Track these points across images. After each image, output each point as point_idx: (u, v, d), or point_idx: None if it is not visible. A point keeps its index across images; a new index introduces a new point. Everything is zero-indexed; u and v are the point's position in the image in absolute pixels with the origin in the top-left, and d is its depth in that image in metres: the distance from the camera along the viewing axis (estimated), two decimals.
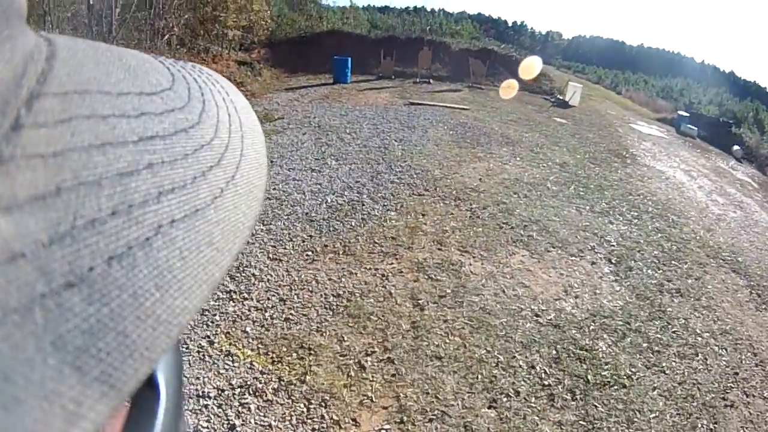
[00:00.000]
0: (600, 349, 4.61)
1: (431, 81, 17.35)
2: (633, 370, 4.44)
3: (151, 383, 0.32)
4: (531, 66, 18.77)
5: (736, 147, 18.20)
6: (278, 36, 19.46)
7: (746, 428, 4.17)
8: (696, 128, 19.06)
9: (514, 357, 4.30)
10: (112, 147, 0.21)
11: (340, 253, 5.50)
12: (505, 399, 3.84)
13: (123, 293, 0.19)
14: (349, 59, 15.72)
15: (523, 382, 4.04)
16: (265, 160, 0.33)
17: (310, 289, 4.84)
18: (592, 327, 4.91)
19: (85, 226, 0.18)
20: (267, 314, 4.41)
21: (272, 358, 3.92)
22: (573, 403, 3.95)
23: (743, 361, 5.00)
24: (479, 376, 4.01)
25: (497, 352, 4.31)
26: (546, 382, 4.09)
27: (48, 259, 0.17)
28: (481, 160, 9.36)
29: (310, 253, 5.43)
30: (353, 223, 6.17)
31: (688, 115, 20.70)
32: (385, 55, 17.36)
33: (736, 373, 4.78)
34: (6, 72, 0.19)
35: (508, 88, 17.28)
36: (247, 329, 4.19)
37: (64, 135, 0.20)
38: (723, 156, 17.11)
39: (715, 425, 4.07)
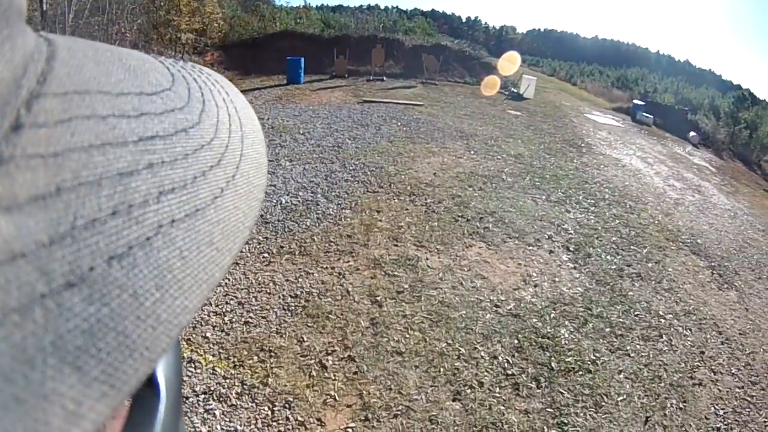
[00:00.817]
0: (562, 336, 4.62)
1: (385, 78, 17.33)
2: (597, 355, 4.47)
3: (151, 383, 0.33)
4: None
5: (692, 133, 18.68)
6: (231, 38, 19.26)
7: (716, 405, 4.24)
8: (652, 116, 19.45)
9: (476, 348, 4.27)
10: (112, 147, 0.21)
11: (297, 253, 5.40)
12: (469, 391, 3.80)
13: (123, 293, 0.19)
14: (302, 59, 15.60)
15: (486, 373, 4.01)
16: (265, 160, 0.34)
17: (268, 291, 4.74)
18: (552, 315, 4.91)
19: (86, 226, 0.18)
20: (226, 318, 4.30)
21: (234, 362, 3.82)
22: (538, 391, 3.95)
23: (709, 340, 5.10)
24: (441, 370, 3.96)
25: (458, 345, 4.27)
26: (509, 372, 4.07)
27: (48, 259, 0.17)
28: (435, 155, 9.34)
29: (266, 255, 5.33)
30: (308, 223, 6.07)
31: (643, 103, 21.12)
32: (338, 54, 17.27)
33: (702, 352, 4.87)
34: (6, 72, 0.19)
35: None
36: (208, 335, 4.08)
37: (64, 135, 0.20)
38: (679, 142, 17.52)
39: (685, 404, 4.13)
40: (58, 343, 0.16)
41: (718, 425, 4.02)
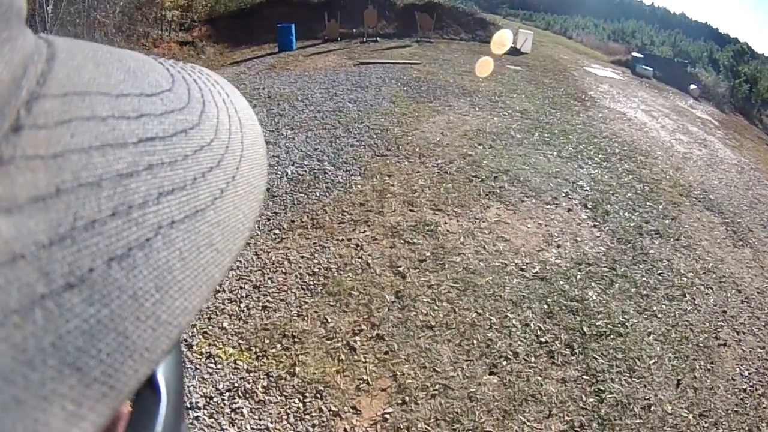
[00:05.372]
0: (590, 299, 4.52)
1: (378, 39, 16.94)
2: (626, 317, 4.38)
3: (152, 385, 0.32)
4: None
5: (693, 86, 18.57)
6: (218, 11, 18.61)
7: (741, 365, 4.20)
8: (651, 69, 19.33)
9: (506, 317, 4.12)
10: (112, 148, 0.21)
11: (309, 227, 5.14)
12: (504, 362, 3.68)
13: (123, 294, 0.19)
14: (293, 25, 15.21)
15: (520, 342, 3.89)
16: (265, 161, 0.33)
17: (284, 270, 4.49)
18: (579, 276, 4.81)
19: (85, 227, 0.19)
20: (242, 305, 4.05)
21: (256, 353, 3.59)
22: (573, 358, 3.84)
23: (729, 299, 5.05)
24: (474, 342, 3.82)
25: (488, 314, 4.11)
26: (543, 339, 3.96)
27: (48, 260, 0.17)
28: (440, 114, 9.02)
29: (277, 231, 5.06)
30: (318, 194, 5.79)
31: (642, 56, 21.02)
32: (329, 18, 16.80)
33: (725, 311, 4.83)
34: (5, 73, 0.19)
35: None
36: (225, 325, 3.84)
37: (63, 136, 0.20)
38: (681, 95, 17.42)
39: (712, 365, 4.09)
40: (58, 344, 0.16)
41: (744, 386, 3.98)
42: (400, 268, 4.53)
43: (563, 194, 6.39)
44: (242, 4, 18.95)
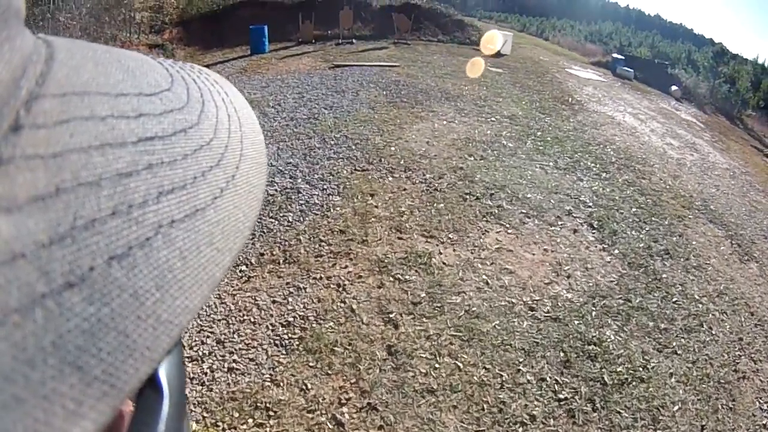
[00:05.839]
0: (609, 339, 4.04)
1: (354, 41, 16.52)
2: (647, 358, 3.98)
3: (154, 383, 0.32)
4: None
5: (674, 87, 18.85)
6: (190, 13, 18.03)
7: (760, 399, 3.98)
8: (632, 70, 19.47)
9: (519, 370, 3.56)
10: (111, 148, 0.21)
11: (281, 261, 4.41)
12: (521, 430, 3.16)
13: (123, 293, 0.19)
14: (266, 27, 14.74)
15: (536, 403, 3.35)
16: (264, 160, 0.33)
17: (252, 319, 3.78)
18: (594, 313, 4.34)
19: (85, 226, 0.19)
20: (205, 366, 3.34)
21: (224, 429, 2.91)
22: (595, 414, 3.39)
23: (744, 324, 4.83)
24: (485, 406, 3.26)
25: (498, 369, 3.53)
26: (561, 396, 3.44)
27: (48, 259, 0.17)
28: (423, 120, 8.38)
29: (244, 267, 4.33)
30: (291, 218, 5.06)
31: (623, 57, 21.20)
32: (303, 19, 16.33)
33: (741, 339, 4.59)
34: (5, 74, 0.20)
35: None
36: (185, 391, 3.09)
37: (63, 136, 0.20)
38: (663, 97, 17.55)
39: (733, 403, 3.84)
40: (59, 343, 0.16)
41: (763, 421, 3.77)
42: (391, 315, 3.85)
43: (566, 212, 5.85)
44: (215, 6, 18.38)
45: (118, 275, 0.18)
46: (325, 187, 5.73)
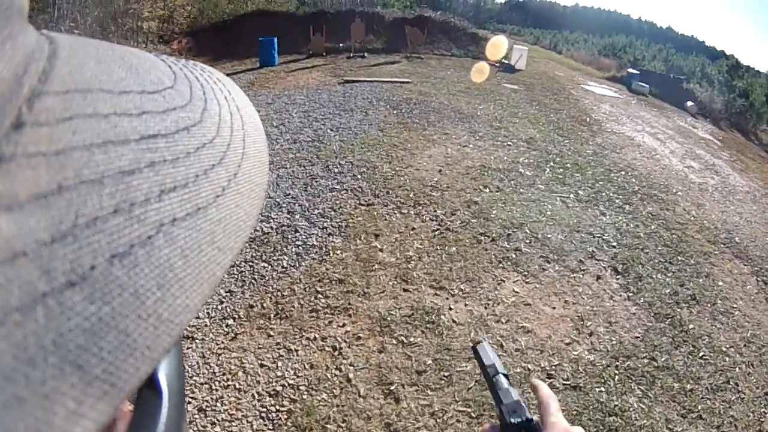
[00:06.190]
0: (631, 408, 3.64)
1: (366, 55, 16.27)
2: (670, 426, 3.60)
3: (153, 384, 0.31)
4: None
5: (690, 103, 18.53)
6: (201, 23, 17.89)
7: None
8: (647, 85, 19.11)
9: None
10: (114, 145, 0.21)
11: (272, 316, 3.95)
12: None
13: (124, 292, 0.19)
14: (275, 39, 14.42)
15: None
16: (266, 158, 0.33)
17: (237, 385, 3.34)
18: (617, 378, 3.87)
19: (87, 224, 0.19)
20: None
21: None
22: None
23: None
24: None
25: None
26: None
27: (49, 257, 0.17)
28: (435, 144, 7.93)
29: (231, 321, 3.88)
30: (285, 263, 4.60)
31: (638, 72, 20.81)
32: (314, 32, 16.13)
33: (766, 393, 4.17)
34: (7, 71, 0.19)
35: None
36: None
37: (65, 133, 0.20)
38: (679, 113, 17.18)
39: None
40: (59, 342, 0.16)
41: None
42: (392, 386, 3.38)
43: (589, 255, 5.35)
44: (226, 16, 18.25)
45: (120, 274, 0.18)
46: (325, 225, 5.27)
